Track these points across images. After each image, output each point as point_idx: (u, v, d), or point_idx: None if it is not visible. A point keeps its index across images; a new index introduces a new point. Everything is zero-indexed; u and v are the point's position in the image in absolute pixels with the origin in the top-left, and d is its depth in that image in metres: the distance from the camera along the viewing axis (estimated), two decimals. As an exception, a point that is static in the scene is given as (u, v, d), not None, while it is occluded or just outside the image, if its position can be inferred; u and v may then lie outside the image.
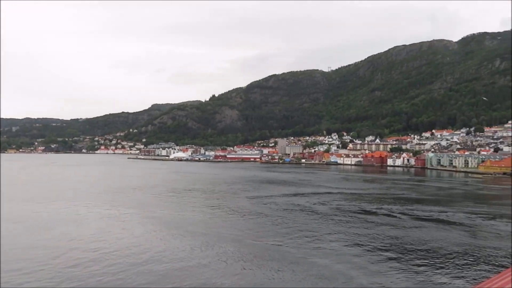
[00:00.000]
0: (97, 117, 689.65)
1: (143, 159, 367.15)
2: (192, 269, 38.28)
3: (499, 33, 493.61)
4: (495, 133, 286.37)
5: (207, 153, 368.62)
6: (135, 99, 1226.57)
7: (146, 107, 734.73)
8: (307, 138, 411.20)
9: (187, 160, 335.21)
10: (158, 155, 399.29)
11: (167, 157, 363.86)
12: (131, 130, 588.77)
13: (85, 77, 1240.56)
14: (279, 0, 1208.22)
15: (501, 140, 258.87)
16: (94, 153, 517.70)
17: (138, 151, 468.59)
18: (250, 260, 40.84)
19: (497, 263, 40.05)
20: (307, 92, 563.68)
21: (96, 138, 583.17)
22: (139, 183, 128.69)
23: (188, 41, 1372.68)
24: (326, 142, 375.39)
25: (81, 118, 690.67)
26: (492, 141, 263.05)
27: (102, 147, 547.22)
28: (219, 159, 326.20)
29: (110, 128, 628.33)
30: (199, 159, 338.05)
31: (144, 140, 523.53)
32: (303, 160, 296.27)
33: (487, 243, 48.67)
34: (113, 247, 45.80)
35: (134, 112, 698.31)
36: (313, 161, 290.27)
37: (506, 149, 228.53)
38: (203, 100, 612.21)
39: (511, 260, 40.58)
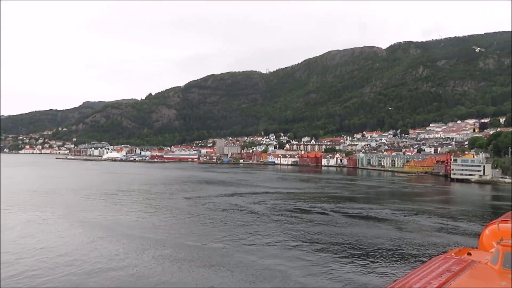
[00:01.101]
0: (22, 114, 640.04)
1: (74, 159, 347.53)
2: (124, 270, 36.90)
3: (422, 42, 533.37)
4: (418, 135, 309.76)
5: (143, 153, 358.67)
6: (64, 96, 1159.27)
7: (77, 105, 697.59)
8: (245, 138, 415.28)
9: (121, 160, 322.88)
10: (90, 155, 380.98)
11: (100, 158, 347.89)
12: (60, 128, 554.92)
13: (6, 69, 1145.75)
14: (217, 0, 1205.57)
15: (423, 141, 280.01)
16: (18, 153, 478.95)
17: (68, 151, 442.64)
18: (187, 262, 40.27)
19: (419, 257, 43.25)
20: (246, 93, 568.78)
21: (20, 137, 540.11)
22: (69, 184, 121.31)
23: (123, 37, 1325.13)
24: (264, 142, 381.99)
25: (2, 115, 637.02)
26: (415, 142, 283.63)
27: (27, 146, 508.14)
28: (155, 159, 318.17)
29: (36, 127, 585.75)
30: (135, 159, 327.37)
31: (74, 139, 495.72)
32: (241, 160, 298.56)
33: (412, 236, 52.39)
34: (35, 252, 42.76)
35: (63, 110, 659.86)
36: (251, 161, 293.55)
37: (427, 150, 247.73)
38: (139, 99, 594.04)
39: None
